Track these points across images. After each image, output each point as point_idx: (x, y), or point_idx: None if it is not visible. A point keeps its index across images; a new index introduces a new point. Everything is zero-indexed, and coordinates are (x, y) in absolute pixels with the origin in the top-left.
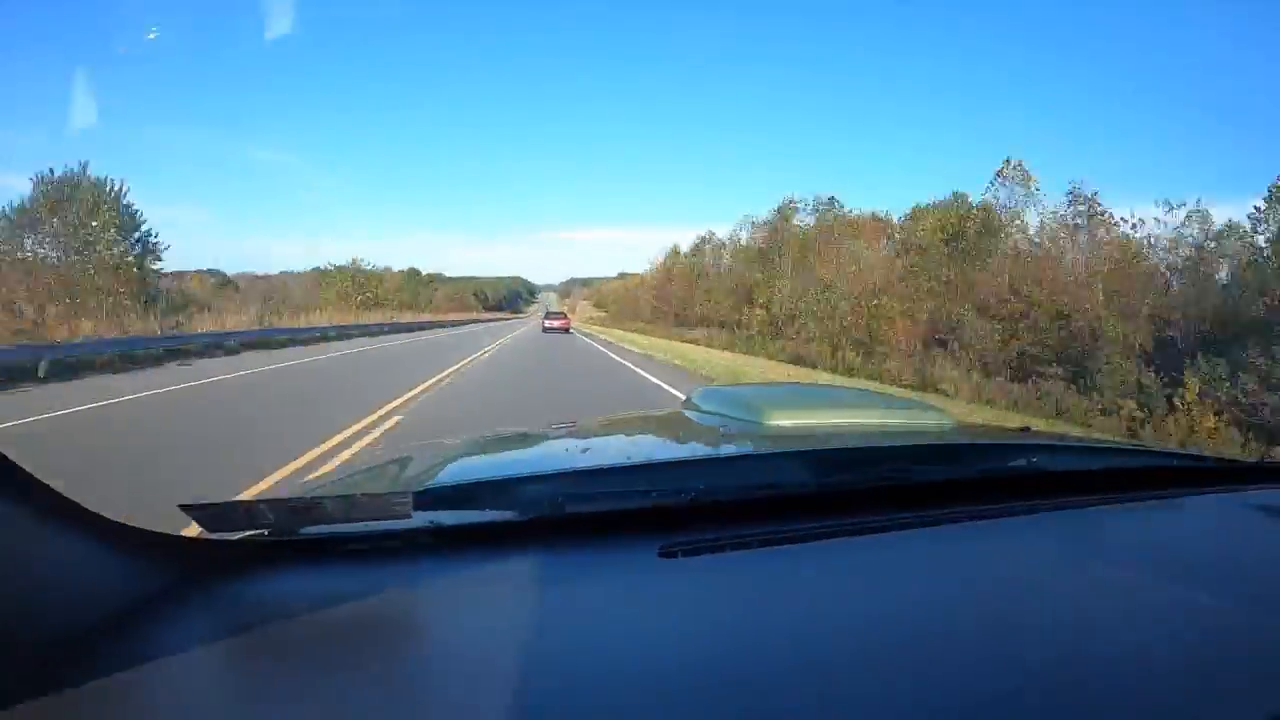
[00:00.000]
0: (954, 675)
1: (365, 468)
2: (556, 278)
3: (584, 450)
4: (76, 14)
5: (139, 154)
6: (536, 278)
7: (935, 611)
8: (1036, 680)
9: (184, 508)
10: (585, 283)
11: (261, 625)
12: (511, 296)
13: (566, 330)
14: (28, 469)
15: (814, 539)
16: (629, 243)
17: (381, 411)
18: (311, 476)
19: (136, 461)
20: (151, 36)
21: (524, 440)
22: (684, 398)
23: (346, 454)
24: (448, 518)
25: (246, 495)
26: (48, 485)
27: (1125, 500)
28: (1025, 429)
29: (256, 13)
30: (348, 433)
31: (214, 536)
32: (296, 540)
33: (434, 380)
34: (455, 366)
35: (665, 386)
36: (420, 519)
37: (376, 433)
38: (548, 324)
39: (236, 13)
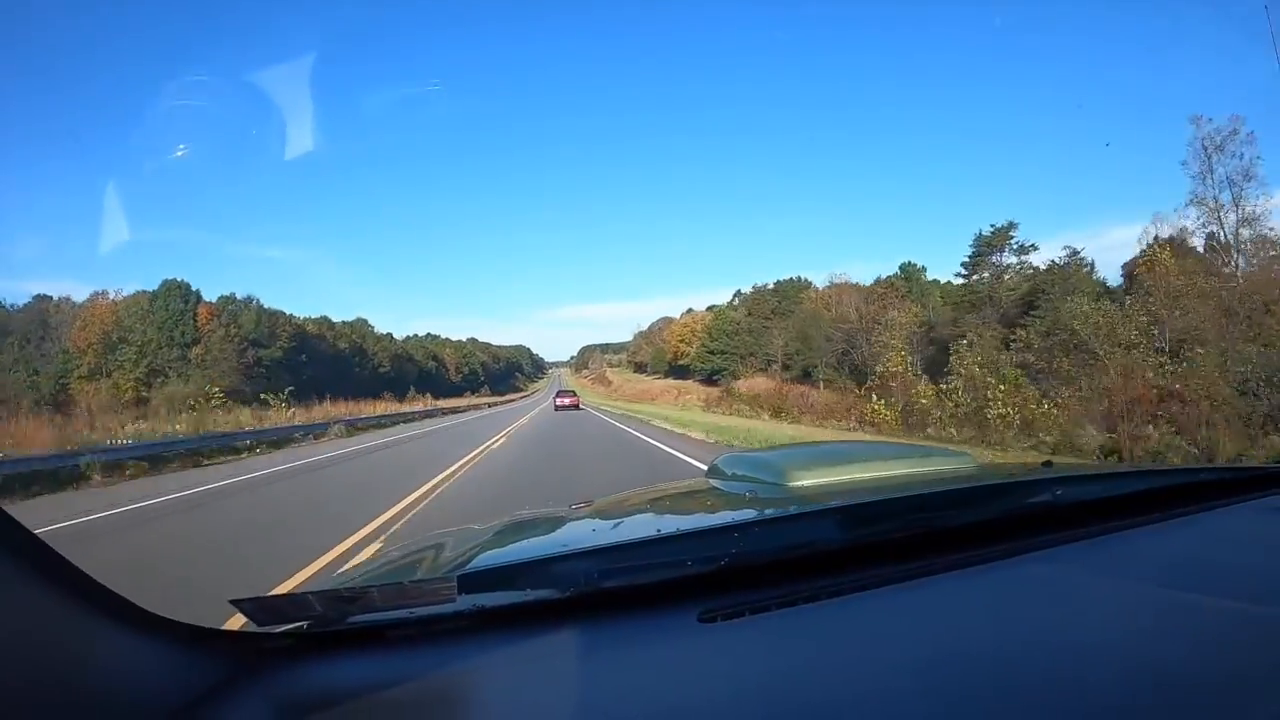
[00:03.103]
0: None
1: (401, 555)
2: (566, 353)
3: (615, 526)
4: (106, 134)
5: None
6: (546, 353)
7: (967, 654)
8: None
9: (234, 602)
10: (604, 348)
11: (314, 715)
12: (506, 370)
13: (577, 407)
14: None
15: (847, 593)
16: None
17: None
18: (346, 566)
19: None
20: (180, 154)
21: (552, 522)
22: (708, 466)
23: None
24: (490, 599)
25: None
26: (99, 582)
27: (1152, 521)
28: (1047, 463)
29: (278, 136)
30: None
31: (263, 630)
32: (344, 630)
33: None
34: None
35: None
36: (464, 602)
37: None
38: (559, 402)
39: (252, 142)
